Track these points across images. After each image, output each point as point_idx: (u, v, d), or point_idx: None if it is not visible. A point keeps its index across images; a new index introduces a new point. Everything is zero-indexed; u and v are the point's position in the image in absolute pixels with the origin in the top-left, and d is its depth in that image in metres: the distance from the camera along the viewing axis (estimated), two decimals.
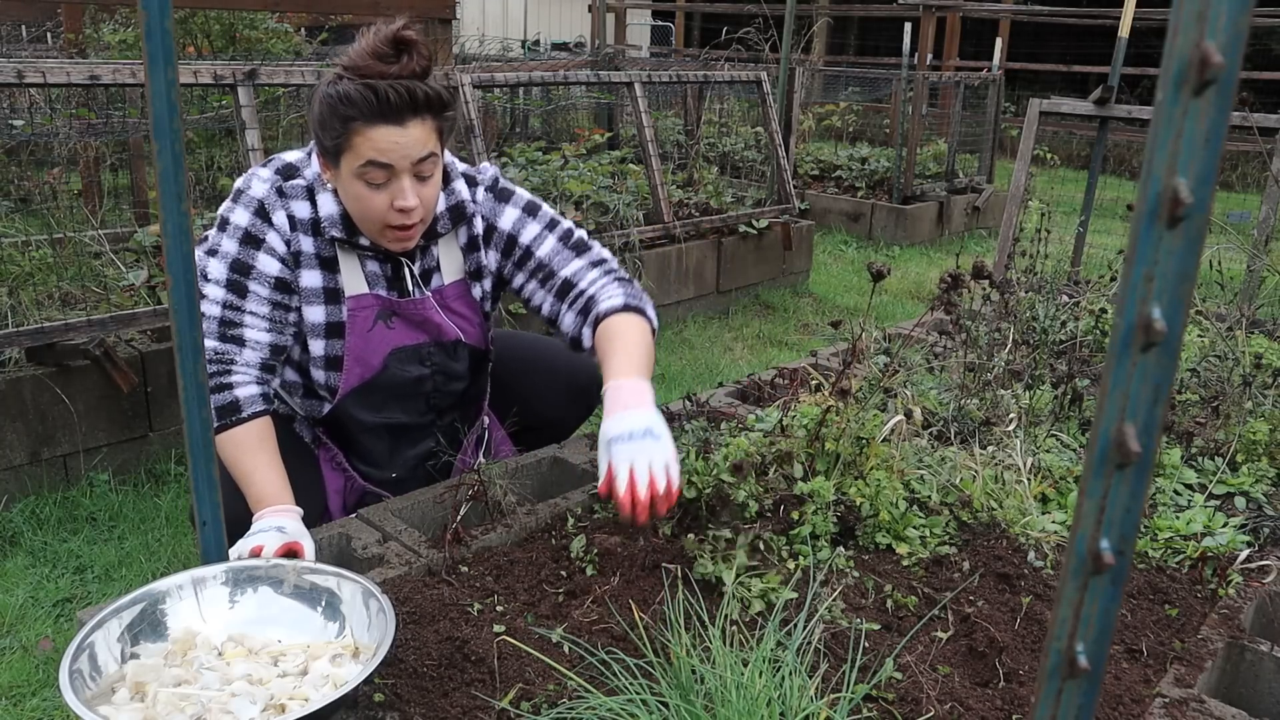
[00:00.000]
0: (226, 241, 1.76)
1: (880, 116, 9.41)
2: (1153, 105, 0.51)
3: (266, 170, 1.81)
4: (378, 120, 1.62)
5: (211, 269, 1.75)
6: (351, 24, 7.81)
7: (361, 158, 1.65)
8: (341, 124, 1.63)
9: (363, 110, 1.61)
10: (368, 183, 1.68)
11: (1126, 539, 0.57)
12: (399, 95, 1.61)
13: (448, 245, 1.93)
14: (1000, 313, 2.55)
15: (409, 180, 1.69)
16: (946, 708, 1.33)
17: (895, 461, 1.88)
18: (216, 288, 1.75)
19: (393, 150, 1.64)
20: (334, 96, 1.63)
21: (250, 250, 1.75)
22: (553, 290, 1.90)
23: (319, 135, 1.69)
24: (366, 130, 1.63)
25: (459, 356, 1.97)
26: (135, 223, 3.91)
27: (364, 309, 1.84)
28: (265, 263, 1.76)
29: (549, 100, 5.96)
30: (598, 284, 1.87)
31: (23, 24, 7.66)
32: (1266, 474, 2.05)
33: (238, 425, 1.70)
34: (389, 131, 1.63)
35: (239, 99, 2.89)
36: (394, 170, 1.67)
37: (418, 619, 1.47)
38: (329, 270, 1.81)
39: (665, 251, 4.30)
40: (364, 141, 1.64)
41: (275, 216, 1.76)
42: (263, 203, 1.76)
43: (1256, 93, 10.93)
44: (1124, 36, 3.63)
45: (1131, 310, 0.53)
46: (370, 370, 1.88)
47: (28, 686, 1.92)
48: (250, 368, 1.75)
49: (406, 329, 1.89)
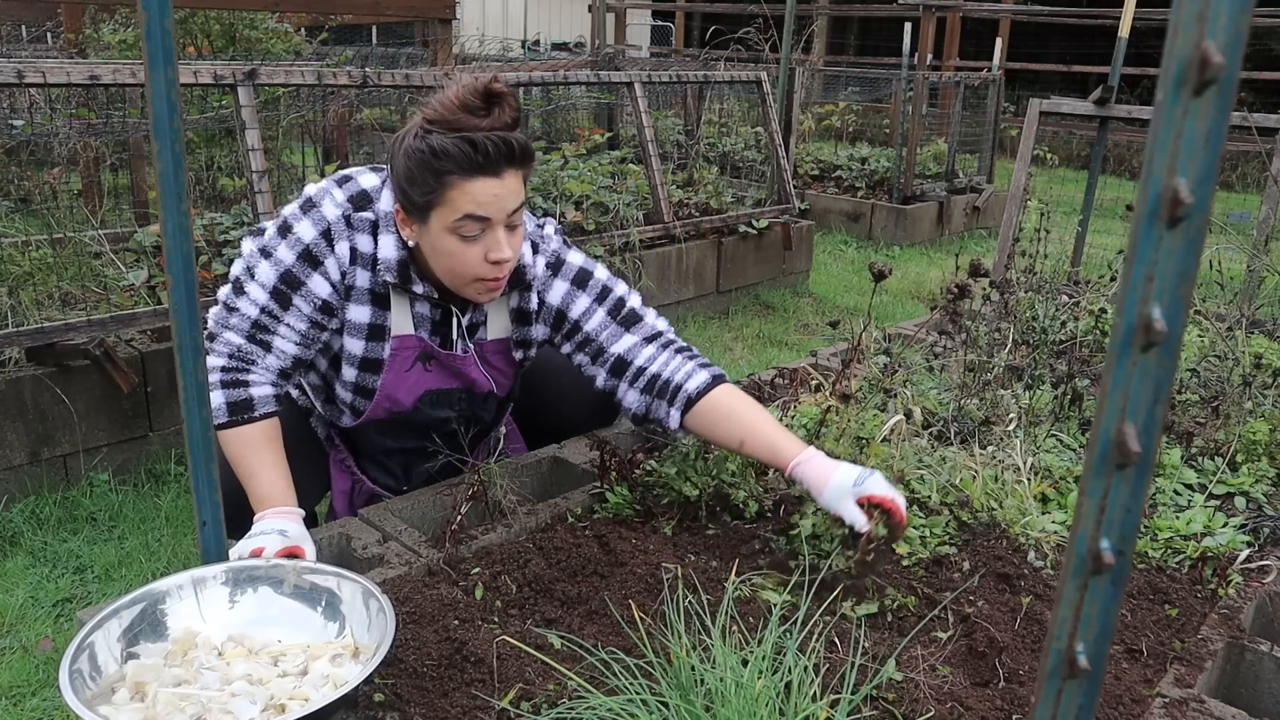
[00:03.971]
0: (284, 250, 1.71)
1: (880, 116, 9.41)
2: (1153, 105, 0.51)
3: (341, 192, 1.75)
4: (476, 174, 1.59)
5: (261, 271, 1.71)
6: (352, 24, 7.81)
7: (458, 211, 1.61)
8: (435, 178, 1.59)
9: (460, 164, 1.57)
10: (462, 236, 1.64)
11: (1126, 539, 0.57)
12: (496, 148, 1.58)
13: (498, 304, 1.89)
14: (1000, 313, 2.55)
15: (503, 232, 1.66)
16: (946, 708, 1.33)
17: (895, 461, 1.88)
18: (260, 290, 1.72)
19: (491, 204, 1.61)
20: (426, 151, 1.58)
21: (306, 268, 1.72)
22: (605, 366, 1.87)
23: (405, 190, 1.63)
24: (464, 184, 1.59)
25: (488, 406, 1.99)
26: (135, 223, 3.92)
27: (406, 349, 1.82)
28: (317, 284, 1.73)
29: (549, 100, 5.95)
30: (659, 361, 1.84)
31: (23, 24, 7.66)
32: (1266, 474, 2.05)
33: (248, 424, 1.70)
34: (488, 184, 1.60)
35: (239, 99, 2.89)
36: (490, 223, 1.63)
37: (418, 619, 1.47)
38: (379, 307, 1.78)
39: (665, 251, 4.30)
40: (461, 195, 1.60)
41: (339, 245, 1.72)
42: (330, 227, 1.72)
43: (1256, 93, 10.94)
44: (1124, 36, 3.64)
45: (1131, 310, 0.53)
46: (400, 408, 1.88)
47: (28, 686, 1.92)
48: (269, 371, 1.74)
49: (442, 374, 1.88)
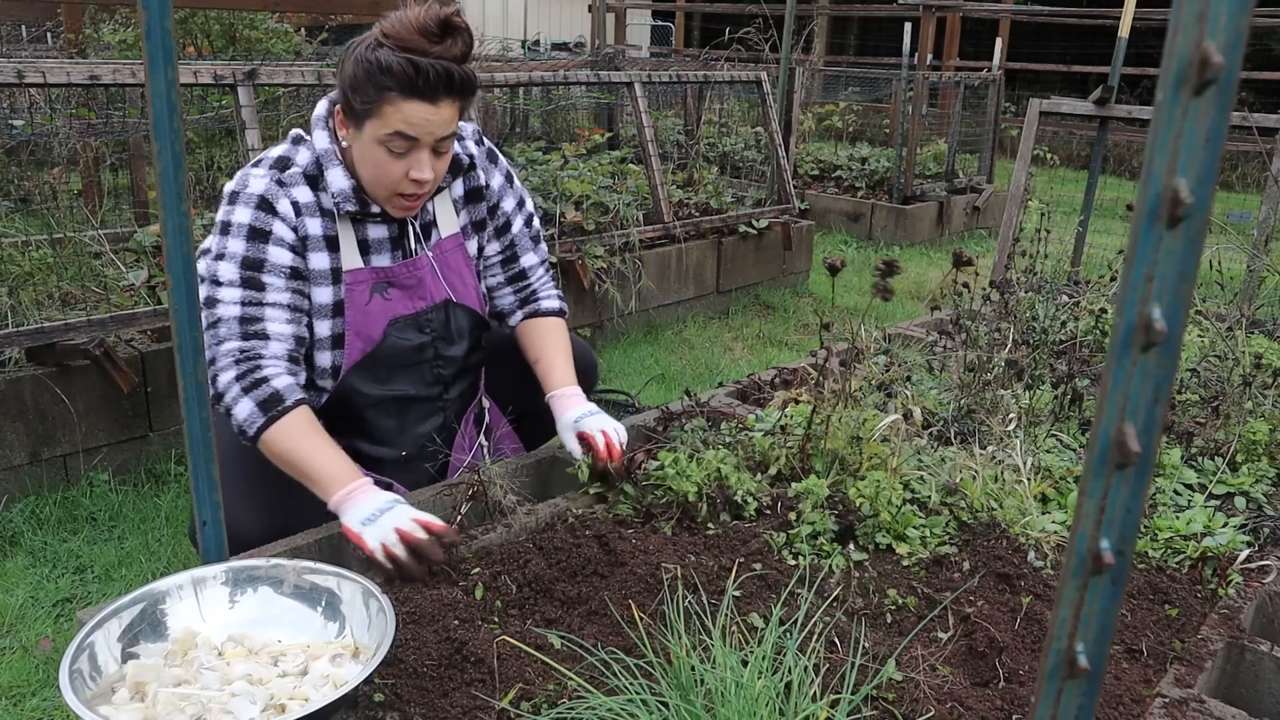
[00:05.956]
0: (232, 242, 1.75)
1: (880, 116, 9.40)
2: (1153, 105, 0.51)
3: (259, 169, 1.82)
4: (413, 95, 1.66)
5: (222, 272, 1.74)
6: (352, 24, 7.81)
7: (389, 127, 1.69)
8: (376, 91, 1.67)
9: (401, 84, 1.65)
10: (389, 150, 1.72)
11: (1126, 539, 0.57)
12: (438, 75, 1.66)
13: (442, 200, 1.98)
14: (1000, 313, 2.55)
15: (428, 154, 1.74)
16: (946, 708, 1.33)
17: (894, 461, 1.88)
18: (232, 289, 1.74)
19: (422, 126, 1.69)
20: (372, 63, 1.66)
21: (259, 245, 1.76)
22: (509, 273, 2.09)
23: (347, 95, 1.71)
24: (400, 102, 1.67)
25: (456, 318, 2.00)
26: (135, 223, 3.91)
27: (359, 283, 1.87)
28: (276, 254, 1.77)
29: (549, 100, 5.95)
30: (542, 279, 2.12)
31: (23, 24, 7.66)
32: (1266, 474, 2.05)
33: (284, 415, 1.69)
34: (422, 108, 1.68)
35: (239, 99, 2.89)
36: (418, 144, 1.72)
37: (418, 619, 1.47)
38: (333, 250, 1.84)
39: (665, 251, 4.30)
40: (395, 112, 1.68)
41: (280, 206, 1.77)
42: (264, 196, 1.77)
43: (1256, 93, 10.94)
44: (1124, 36, 3.63)
45: (1131, 310, 0.53)
46: (370, 342, 1.90)
47: (28, 686, 1.92)
48: (279, 360, 1.75)
49: (404, 298, 1.92)
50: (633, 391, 3.42)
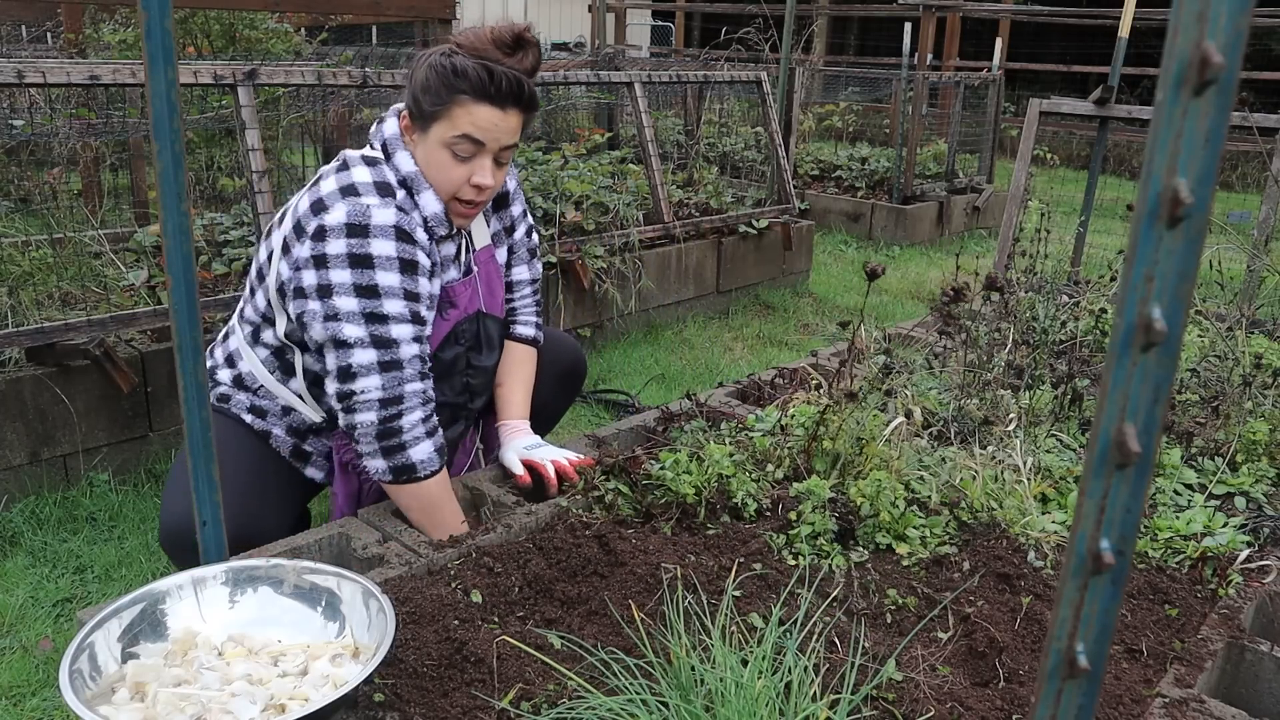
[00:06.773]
0: (383, 275, 1.68)
1: (880, 116, 9.41)
2: (1153, 105, 0.51)
3: (364, 196, 1.73)
4: (484, 99, 1.70)
5: (388, 307, 1.69)
6: (352, 24, 7.81)
7: (458, 129, 1.72)
8: (448, 93, 1.70)
9: (474, 86, 1.69)
10: (454, 153, 1.74)
11: (1126, 539, 0.57)
12: (509, 83, 1.70)
13: None
14: (1000, 313, 2.55)
15: (491, 161, 1.77)
16: (946, 708, 1.33)
17: (894, 461, 1.88)
18: (403, 325, 1.71)
19: (489, 130, 1.73)
20: (447, 67, 1.70)
21: (412, 278, 1.73)
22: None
23: (418, 98, 1.73)
24: (471, 105, 1.70)
25: (487, 328, 2.01)
26: (135, 223, 3.91)
27: (436, 304, 1.89)
28: (424, 285, 1.77)
29: (549, 100, 5.95)
30: (525, 299, 2.12)
31: (23, 24, 7.66)
32: (1266, 474, 2.05)
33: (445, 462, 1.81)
34: (491, 113, 1.72)
35: (239, 99, 2.89)
36: (483, 148, 1.74)
37: (418, 619, 1.47)
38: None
39: (665, 251, 4.30)
40: (465, 114, 1.71)
41: (417, 235, 1.75)
42: (399, 227, 1.71)
43: (1256, 93, 10.94)
44: (1124, 36, 3.63)
45: (1131, 310, 0.53)
46: None
47: (28, 686, 1.92)
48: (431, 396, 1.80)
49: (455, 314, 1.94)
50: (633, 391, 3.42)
